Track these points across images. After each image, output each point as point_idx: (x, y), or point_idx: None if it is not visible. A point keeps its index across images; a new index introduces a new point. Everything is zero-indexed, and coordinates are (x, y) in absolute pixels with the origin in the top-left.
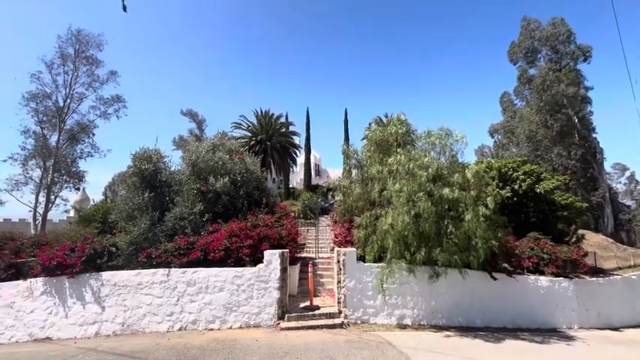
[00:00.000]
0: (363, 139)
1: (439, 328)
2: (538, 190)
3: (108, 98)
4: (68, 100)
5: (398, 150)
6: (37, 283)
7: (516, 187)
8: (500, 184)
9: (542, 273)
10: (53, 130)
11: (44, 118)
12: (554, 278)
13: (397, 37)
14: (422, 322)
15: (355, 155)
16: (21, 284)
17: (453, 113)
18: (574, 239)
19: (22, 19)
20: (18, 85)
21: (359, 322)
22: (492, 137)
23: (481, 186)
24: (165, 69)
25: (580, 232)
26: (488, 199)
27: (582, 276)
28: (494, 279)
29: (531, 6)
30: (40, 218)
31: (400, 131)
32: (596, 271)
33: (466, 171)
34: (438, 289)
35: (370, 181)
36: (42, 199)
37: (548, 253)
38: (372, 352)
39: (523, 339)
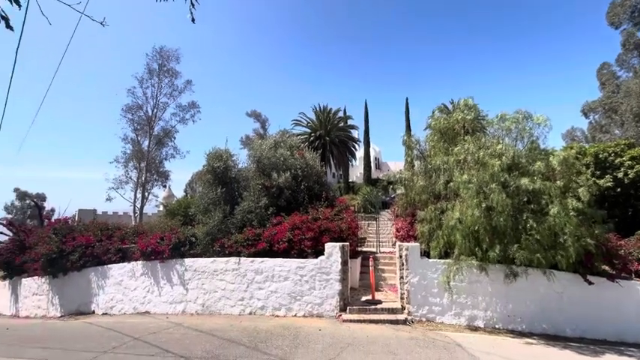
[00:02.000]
0: (426, 128)
1: (518, 333)
2: None
3: (185, 105)
4: (155, 110)
5: (465, 138)
6: (138, 265)
7: (620, 175)
8: (598, 173)
9: None
10: (144, 136)
11: (138, 127)
12: None
13: (467, 14)
14: (496, 326)
15: (417, 146)
16: (126, 266)
17: (532, 96)
18: None
19: (116, 41)
20: (118, 100)
21: (424, 319)
22: (587, 117)
23: (571, 175)
24: (230, 72)
25: None
26: (581, 190)
27: None
28: (590, 283)
29: None
30: (138, 211)
31: (468, 117)
32: None
33: (551, 158)
34: (516, 291)
35: (434, 172)
36: (139, 195)
37: None
38: (439, 352)
39: (630, 355)
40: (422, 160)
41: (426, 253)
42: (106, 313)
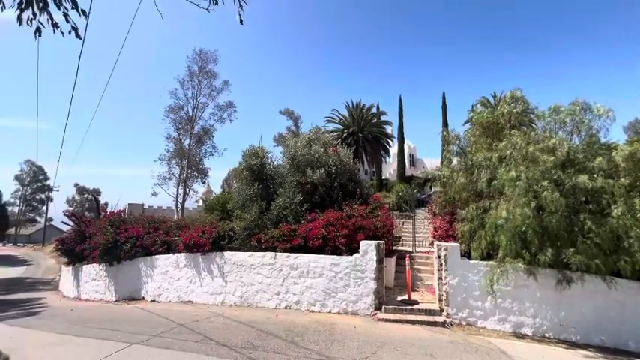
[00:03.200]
0: (466, 122)
1: (571, 344)
2: None
3: (223, 105)
4: (195, 110)
5: (512, 132)
6: (181, 257)
7: None
8: None
9: None
10: (186, 135)
11: (180, 126)
12: None
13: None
14: (546, 335)
15: (457, 141)
16: (171, 257)
17: (589, 88)
18: None
19: (158, 45)
20: (161, 101)
21: (464, 323)
22: None
23: (637, 172)
24: (263, 70)
25: None
26: None
27: None
28: None
29: None
30: (180, 206)
31: (515, 110)
32: None
33: (613, 153)
34: (569, 298)
35: (476, 169)
36: (180, 191)
37: None
38: (482, 358)
39: None
40: (462, 156)
41: (466, 254)
42: (154, 300)
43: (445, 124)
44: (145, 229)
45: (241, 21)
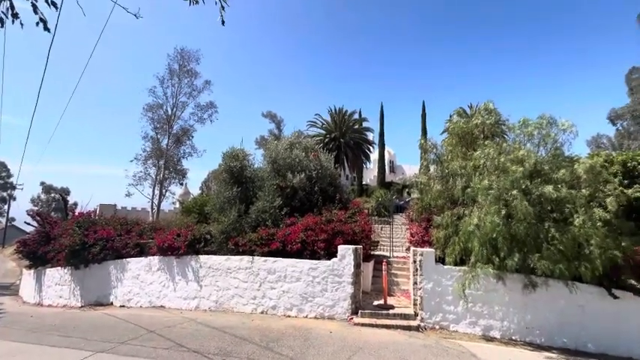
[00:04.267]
0: (443, 132)
1: (536, 346)
2: None
3: (203, 105)
4: (174, 109)
5: (485, 143)
6: (155, 260)
7: None
8: (626, 182)
9: None
10: (164, 135)
11: (157, 125)
12: None
13: (484, 13)
14: (513, 337)
15: (434, 150)
16: (143, 260)
17: (556, 102)
18: None
19: (139, 42)
20: (140, 99)
21: (437, 327)
22: (614, 124)
23: (597, 184)
24: (247, 72)
25: None
26: (609, 199)
27: None
28: (615, 297)
29: None
30: (155, 208)
31: (488, 122)
32: None
33: (576, 166)
34: (534, 302)
35: (451, 177)
36: (157, 192)
37: None
38: None
39: None
40: (438, 164)
41: (440, 260)
42: (123, 306)
43: (424, 132)
44: (116, 230)
45: (223, 22)
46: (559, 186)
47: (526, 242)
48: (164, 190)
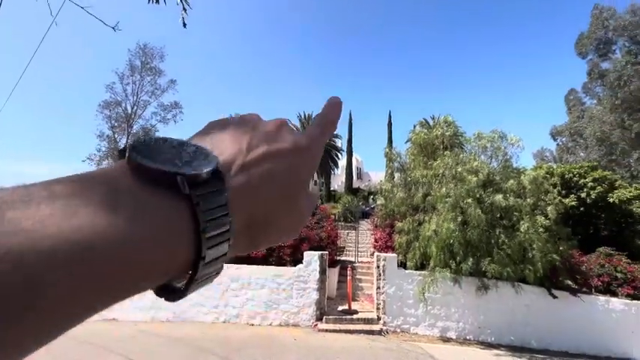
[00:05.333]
0: (407, 141)
1: (487, 345)
2: (611, 200)
3: (167, 105)
4: (135, 107)
5: (445, 153)
6: None
7: (583, 195)
8: (564, 192)
9: (614, 294)
10: (122, 134)
11: (115, 124)
12: (631, 301)
13: (447, 33)
14: (467, 337)
15: (398, 158)
16: None
17: (508, 115)
18: None
19: (97, 33)
20: (95, 95)
21: (398, 330)
22: (555, 140)
23: (540, 193)
24: (214, 73)
25: None
26: (549, 208)
27: None
28: (554, 297)
29: None
30: None
31: (447, 133)
32: None
33: (522, 177)
34: (487, 303)
35: (413, 185)
36: None
37: (622, 272)
38: None
39: None
40: (402, 172)
41: (402, 264)
42: None
43: (390, 141)
44: None
45: (185, 24)
46: (508, 195)
47: (479, 247)
48: None
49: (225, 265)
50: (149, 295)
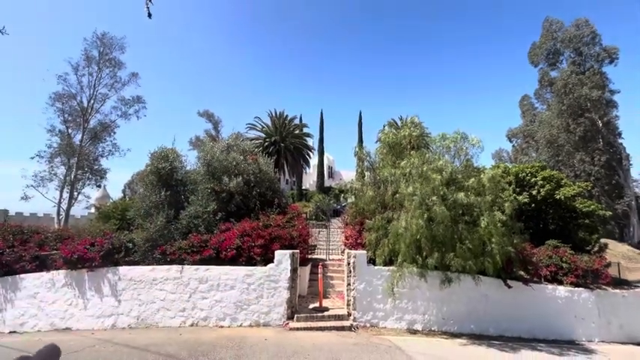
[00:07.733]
0: (377, 141)
1: (450, 334)
2: (557, 197)
3: (129, 99)
4: (92, 101)
5: (412, 153)
6: (59, 275)
7: (534, 192)
8: (518, 190)
9: (560, 282)
10: (77, 129)
11: (69, 118)
12: (574, 288)
13: (413, 38)
14: (432, 328)
15: (368, 158)
16: (44, 276)
17: (470, 117)
18: (596, 248)
19: (49, 21)
20: (45, 86)
21: (368, 325)
22: (510, 142)
23: (497, 191)
24: (183, 70)
25: (603, 241)
26: (506, 204)
27: (604, 287)
28: (509, 287)
29: (555, 6)
30: (63, 213)
31: (414, 134)
32: (620, 283)
33: (482, 175)
34: (450, 295)
35: (383, 183)
36: (66, 195)
37: (567, 262)
38: (381, 355)
39: (540, 350)
40: (372, 171)
41: (372, 261)
42: (14, 331)
43: (360, 140)
44: (7, 241)
45: (150, 15)
46: (469, 193)
47: (444, 242)
48: (76, 193)
49: (194, 267)
50: (109, 301)
